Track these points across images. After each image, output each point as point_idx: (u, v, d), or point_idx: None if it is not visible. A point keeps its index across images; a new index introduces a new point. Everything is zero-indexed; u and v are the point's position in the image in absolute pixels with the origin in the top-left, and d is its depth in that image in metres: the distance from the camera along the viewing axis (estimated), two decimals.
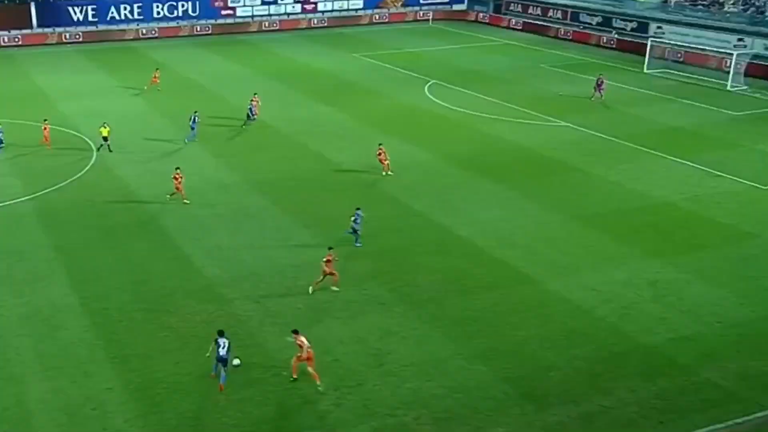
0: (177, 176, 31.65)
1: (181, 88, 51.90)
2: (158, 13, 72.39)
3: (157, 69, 52.40)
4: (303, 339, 20.14)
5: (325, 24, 77.89)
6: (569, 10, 74.37)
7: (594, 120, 44.00)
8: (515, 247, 28.03)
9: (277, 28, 75.86)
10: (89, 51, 64.74)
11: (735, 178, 34.72)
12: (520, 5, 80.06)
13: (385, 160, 35.09)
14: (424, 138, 40.22)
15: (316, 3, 78.25)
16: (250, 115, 42.70)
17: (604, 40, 67.36)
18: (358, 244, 27.86)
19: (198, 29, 73.16)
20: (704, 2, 66.65)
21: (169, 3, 72.63)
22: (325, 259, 24.51)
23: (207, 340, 21.91)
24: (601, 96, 48.43)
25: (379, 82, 53.63)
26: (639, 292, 24.85)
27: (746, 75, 52.89)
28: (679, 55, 59.01)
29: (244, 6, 75.53)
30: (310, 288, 24.77)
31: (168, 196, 31.70)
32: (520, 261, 27.01)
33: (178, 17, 73.10)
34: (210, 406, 19.39)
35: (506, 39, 71.25)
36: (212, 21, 74.15)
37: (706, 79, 54.18)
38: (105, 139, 37.77)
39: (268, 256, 27.17)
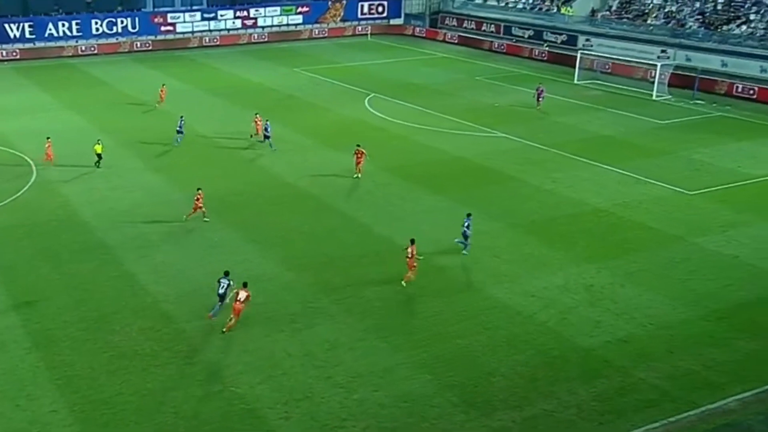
0: (199, 196, 30.71)
1: (122, 104, 50.91)
2: (97, 29, 70.96)
3: (163, 85, 51.17)
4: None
5: (266, 39, 77.45)
6: (502, 24, 75.49)
7: (528, 130, 44.67)
8: (457, 257, 28.20)
9: (217, 43, 75.11)
10: (27, 68, 63.08)
11: (662, 184, 35.62)
12: (455, 19, 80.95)
13: (360, 162, 35.52)
14: (366, 150, 40.14)
15: (256, 18, 77.76)
16: (266, 134, 40.72)
17: (536, 53, 68.54)
18: (466, 252, 27.94)
19: (138, 45, 71.94)
20: (629, 15, 68.39)
21: (108, 19, 71.28)
22: (410, 254, 25.38)
23: (154, 357, 21.53)
24: (539, 105, 49.29)
25: (320, 96, 53.53)
26: (576, 296, 25.25)
27: (670, 85, 54.39)
28: (607, 66, 60.39)
29: (184, 22, 74.60)
30: (403, 282, 25.59)
31: (185, 216, 30.83)
32: (462, 269, 27.19)
33: (117, 33, 71.77)
34: (158, 426, 18.96)
35: (442, 52, 71.91)
36: (152, 37, 73.00)
37: (632, 89, 55.56)
38: (99, 156, 37.19)
39: (215, 272, 26.61)
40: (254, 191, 34.82)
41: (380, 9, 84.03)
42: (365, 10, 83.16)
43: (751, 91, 53.27)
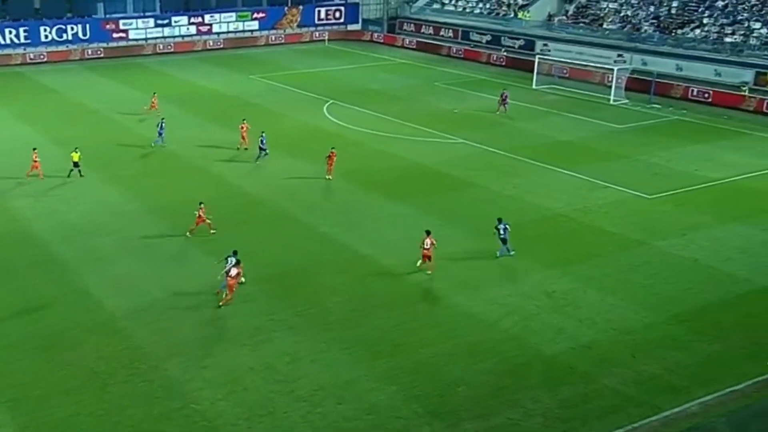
0: (201, 211, 30.11)
1: (73, 114, 50.03)
2: (46, 36, 69.67)
3: (154, 93, 50.35)
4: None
5: (221, 46, 76.84)
6: (460, 29, 75.98)
7: (488, 135, 44.95)
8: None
9: (171, 50, 74.28)
10: None
11: (621, 188, 36.08)
12: (413, 25, 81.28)
13: (332, 164, 36.27)
14: (320, 158, 39.97)
15: (211, 25, 77.12)
16: (262, 147, 39.66)
17: (494, 58, 69.10)
18: (512, 252, 28.53)
19: (89, 53, 70.80)
20: (585, 20, 69.35)
21: (57, 26, 70.03)
22: (427, 244, 26.61)
23: (110, 375, 21.09)
24: (506, 110, 49.78)
25: (278, 103, 53.22)
26: (538, 303, 25.38)
27: (627, 89, 55.25)
28: (564, 71, 61.11)
29: (137, 29, 73.64)
30: (418, 262, 27.12)
31: (188, 232, 30.18)
32: (424, 278, 27.15)
33: (67, 41, 70.55)
34: None
35: (401, 58, 72.11)
36: (104, 44, 71.90)
37: (590, 93, 56.30)
38: (76, 164, 36.57)
39: (171, 285, 26.34)
40: (212, 201, 34.27)
41: (337, 15, 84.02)
42: (322, 15, 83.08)
43: (706, 95, 54.34)
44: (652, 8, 66.28)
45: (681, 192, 35.75)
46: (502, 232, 28.63)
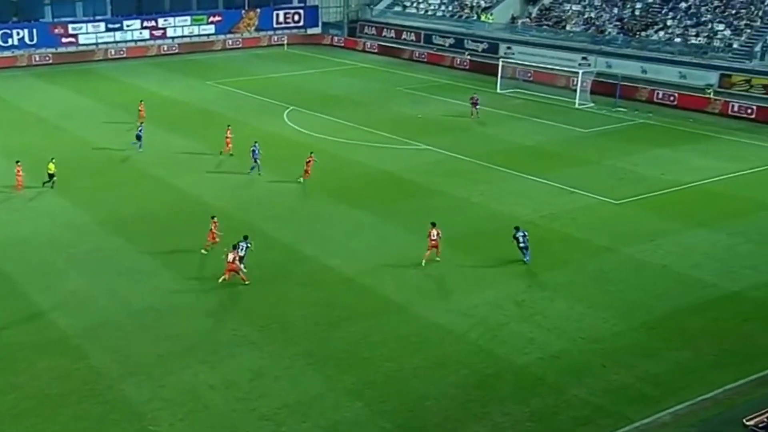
0: (214, 225, 29.75)
1: (21, 123, 49.24)
2: None
3: (141, 101, 49.61)
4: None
5: (176, 51, 76.24)
6: (422, 32, 76.37)
7: (452, 141, 45.21)
8: (384, 275, 28.23)
9: (124, 55, 73.53)
10: None
11: (588, 194, 36.53)
12: (374, 28, 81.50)
13: (309, 168, 37.05)
14: (287, 166, 39.94)
15: (165, 29, 76.50)
16: (255, 158, 39.06)
17: (458, 62, 69.57)
18: (527, 260, 28.82)
19: (37, 59, 69.74)
20: (549, 22, 70.19)
21: (2, 31, 68.95)
22: (434, 236, 28.51)
23: (63, 398, 20.75)
24: (477, 114, 50.42)
25: (236, 110, 52.94)
26: (507, 312, 25.57)
27: (592, 93, 55.97)
28: (529, 74, 61.75)
29: (87, 33, 72.80)
30: (423, 261, 28.65)
31: (204, 251, 29.66)
32: (390, 288, 27.20)
33: (13, 46, 69.44)
34: None
35: (362, 62, 72.25)
36: (52, 50, 70.91)
37: (555, 97, 56.95)
38: (51, 176, 36.11)
39: (127, 301, 26.03)
40: (168, 212, 34.09)
41: (296, 18, 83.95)
42: (281, 19, 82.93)
43: (671, 98, 55.33)
44: (615, 10, 67.33)
45: (648, 197, 36.32)
46: (521, 240, 28.79)
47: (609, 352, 23.20)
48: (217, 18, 79.22)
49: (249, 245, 27.50)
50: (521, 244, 28.92)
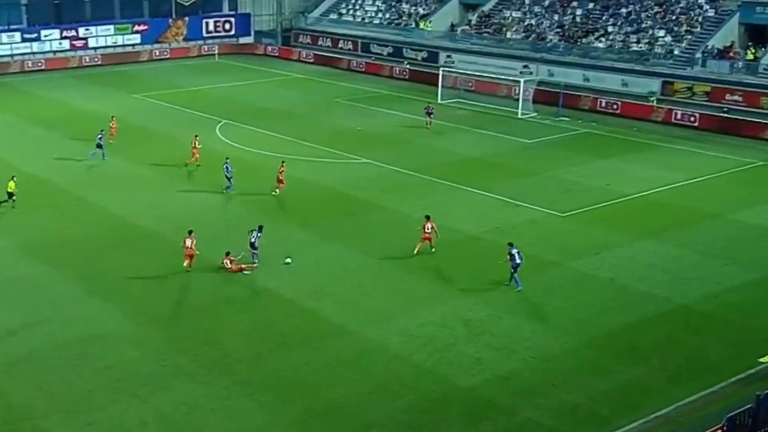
0: (229, 260, 29.75)
1: None
2: None
3: (113, 117, 48.40)
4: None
5: (99, 62, 74.86)
6: (360, 41, 76.59)
7: (394, 154, 45.34)
8: (326, 296, 28.06)
9: (42, 67, 71.86)
10: None
11: (533, 207, 36.98)
12: (309, 37, 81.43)
13: (282, 178, 37.60)
14: (216, 182, 39.46)
15: (86, 39, 75.09)
16: (227, 175, 38.45)
17: (397, 71, 69.94)
18: (520, 288, 28.22)
19: None
20: (489, 30, 71.12)
21: None
22: (428, 228, 30.72)
23: None
24: (430, 123, 51.11)
25: (165, 125, 52.21)
26: (454, 332, 25.62)
27: (535, 102, 56.85)
28: (470, 84, 62.40)
29: (1, 44, 70.92)
30: (415, 251, 30.99)
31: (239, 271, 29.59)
32: (333, 310, 27.03)
33: None
34: None
35: (298, 73, 72.10)
36: None
37: (497, 107, 57.64)
38: (10, 195, 35.33)
39: (50, 333, 25.28)
40: (92, 235, 33.30)
41: (227, 26, 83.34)
42: (210, 27, 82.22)
43: (615, 106, 56.57)
44: (556, 17, 68.59)
45: (594, 209, 36.95)
46: (517, 258, 28.19)
47: (559, 371, 23.43)
48: (143, 27, 78.08)
49: (259, 235, 29.82)
50: (517, 261, 28.20)
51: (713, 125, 51.95)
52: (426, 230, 31.05)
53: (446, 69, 63.38)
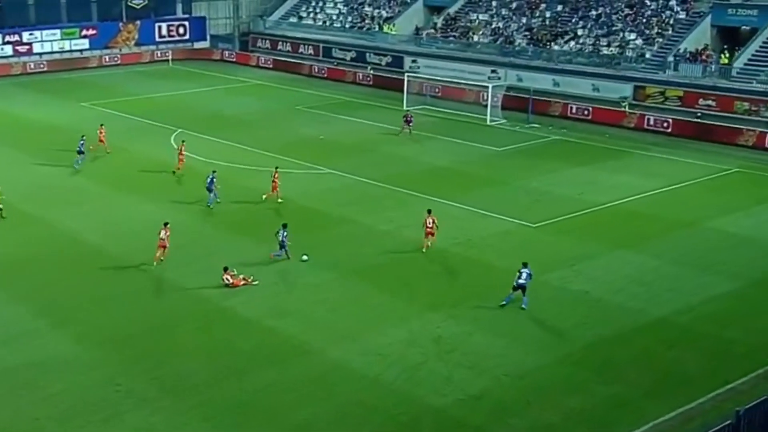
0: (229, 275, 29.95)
1: None
2: None
3: (101, 125, 47.80)
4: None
5: (45, 68, 74.04)
6: (321, 45, 76.64)
7: (358, 164, 45.35)
8: (289, 314, 27.91)
9: None
10: None
11: (504, 218, 37.18)
12: (268, 41, 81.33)
13: (276, 187, 38.63)
14: (178, 198, 39.17)
15: (31, 44, 74.24)
16: (209, 188, 38.25)
17: (360, 77, 70.06)
18: (525, 306, 28.06)
19: None
20: (455, 33, 71.56)
21: None
22: (430, 223, 32.55)
23: None
24: (409, 131, 51.34)
25: (116, 135, 51.43)
26: (423, 350, 25.60)
27: (503, 108, 57.23)
28: (437, 89, 62.69)
29: None
30: (423, 249, 32.75)
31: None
32: (295, 329, 26.87)
33: None
34: None
35: (257, 79, 71.90)
36: None
37: (465, 114, 57.96)
38: None
39: None
40: (39, 254, 32.78)
41: (181, 30, 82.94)
42: (164, 32, 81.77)
43: (585, 112, 57.19)
44: (524, 20, 69.23)
45: (567, 219, 37.26)
46: (525, 277, 27.97)
47: (533, 389, 23.51)
48: (92, 31, 77.36)
49: (286, 233, 31.57)
50: (521, 281, 28.01)
51: (687, 131, 52.72)
52: (428, 225, 32.55)
53: (412, 74, 63.63)
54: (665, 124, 53.83)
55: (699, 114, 54.12)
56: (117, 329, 26.71)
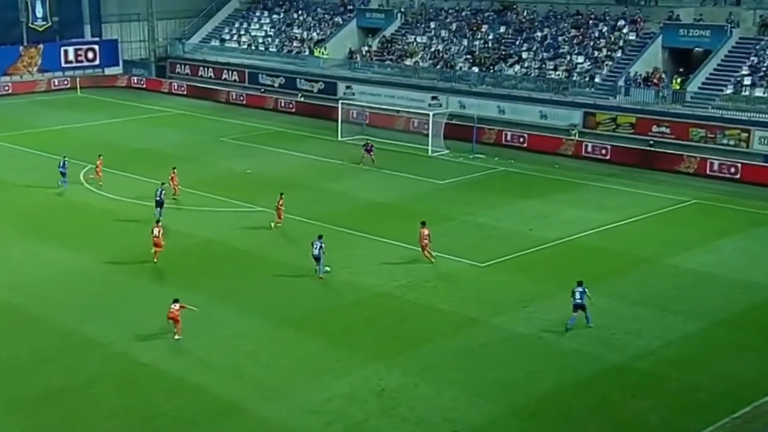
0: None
1: None
2: None
3: (100, 156, 47.82)
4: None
5: None
6: (246, 70, 76.66)
7: (289, 201, 45.03)
8: (216, 369, 27.53)
9: None
10: None
11: (449, 257, 37.38)
12: (188, 67, 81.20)
13: (280, 212, 40.60)
14: (83, 240, 38.53)
15: None
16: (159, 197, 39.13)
17: (291, 105, 70.20)
18: (590, 324, 29.79)
19: None
20: (392, 56, 72.25)
21: None
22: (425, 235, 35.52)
23: None
24: (372, 160, 52.28)
25: (15, 172, 50.84)
26: (365, 406, 25.46)
27: (446, 137, 57.73)
28: (366, 117, 62.86)
29: None
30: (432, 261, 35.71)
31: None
32: (223, 386, 26.51)
33: None
34: None
35: (176, 108, 71.55)
36: None
37: (405, 144, 58.36)
38: None
39: None
40: None
41: (90, 55, 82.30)
42: (71, 56, 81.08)
43: (533, 141, 58.07)
44: (465, 42, 70.28)
45: (517, 257, 37.67)
46: (578, 296, 29.81)
47: None
48: None
49: (322, 244, 34.22)
50: (577, 301, 30.01)
51: (640, 160, 53.87)
52: (423, 237, 35.54)
53: (346, 102, 63.95)
54: (618, 154, 54.92)
55: (652, 142, 55.44)
56: (20, 392, 25.84)
